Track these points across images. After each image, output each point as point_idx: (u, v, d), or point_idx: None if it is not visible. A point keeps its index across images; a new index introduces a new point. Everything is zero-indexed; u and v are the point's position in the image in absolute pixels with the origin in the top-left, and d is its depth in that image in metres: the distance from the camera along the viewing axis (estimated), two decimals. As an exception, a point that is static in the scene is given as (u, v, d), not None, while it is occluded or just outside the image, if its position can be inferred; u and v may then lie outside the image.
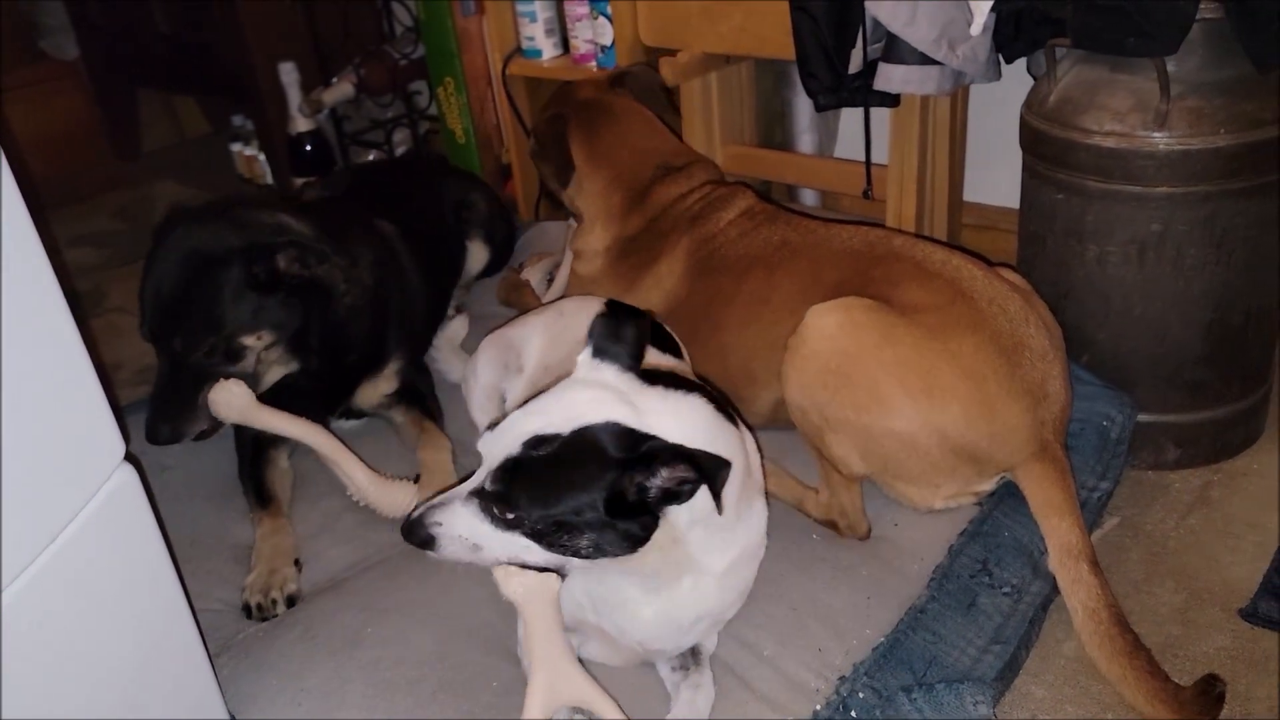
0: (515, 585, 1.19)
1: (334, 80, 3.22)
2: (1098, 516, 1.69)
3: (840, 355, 1.47)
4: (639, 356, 1.21)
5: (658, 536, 1.14)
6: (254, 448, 1.83)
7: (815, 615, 1.44)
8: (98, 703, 1.12)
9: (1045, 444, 1.49)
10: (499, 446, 1.13)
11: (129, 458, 1.12)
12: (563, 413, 1.12)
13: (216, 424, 1.71)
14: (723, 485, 1.08)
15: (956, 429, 1.45)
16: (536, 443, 1.10)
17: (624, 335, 1.20)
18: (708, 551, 1.21)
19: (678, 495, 1.10)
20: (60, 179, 3.76)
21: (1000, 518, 1.60)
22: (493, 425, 1.18)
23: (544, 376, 1.61)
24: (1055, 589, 1.47)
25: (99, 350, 1.89)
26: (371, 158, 3.38)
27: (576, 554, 1.13)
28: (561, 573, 1.19)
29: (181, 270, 1.65)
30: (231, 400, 1.66)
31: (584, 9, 2.51)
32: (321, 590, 1.62)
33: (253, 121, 3.51)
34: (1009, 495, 1.58)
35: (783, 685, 1.35)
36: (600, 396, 1.14)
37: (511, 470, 1.11)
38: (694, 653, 1.36)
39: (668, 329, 1.77)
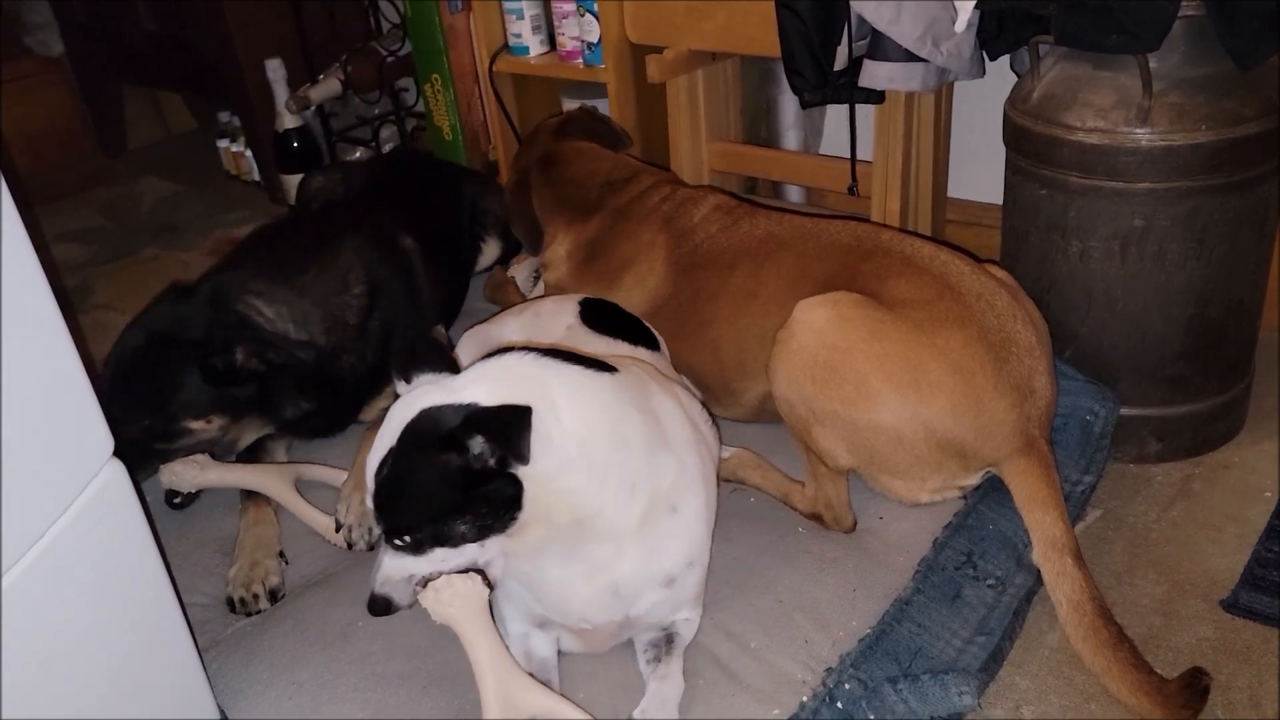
0: (444, 608, 1.21)
1: (321, 77, 3.21)
2: (1081, 509, 1.71)
3: (828, 349, 1.48)
4: (447, 361, 1.25)
5: (535, 493, 1.15)
6: None
7: (801, 607, 1.45)
8: (87, 698, 1.12)
9: (1031, 439, 1.51)
10: (368, 494, 1.18)
11: (117, 453, 1.13)
12: (391, 429, 1.17)
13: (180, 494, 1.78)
14: (515, 432, 1.10)
15: (943, 423, 1.47)
16: (380, 469, 1.16)
17: (425, 356, 1.24)
18: (601, 503, 1.20)
19: (514, 449, 1.12)
20: (46, 175, 3.75)
21: (985, 511, 1.61)
22: None
23: None
24: (1039, 581, 1.49)
25: (86, 346, 1.89)
26: (359, 155, 3.37)
27: (468, 539, 1.17)
28: (488, 576, 1.22)
29: (138, 348, 1.68)
30: (181, 476, 1.75)
31: (570, 6, 2.51)
32: (313, 584, 1.62)
33: (239, 118, 3.50)
34: (993, 489, 1.59)
35: (769, 677, 1.35)
36: (414, 398, 1.18)
37: (380, 502, 1.17)
38: (669, 641, 1.36)
39: (645, 324, 1.79)
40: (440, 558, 1.19)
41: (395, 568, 1.20)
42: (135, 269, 3.08)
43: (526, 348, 1.26)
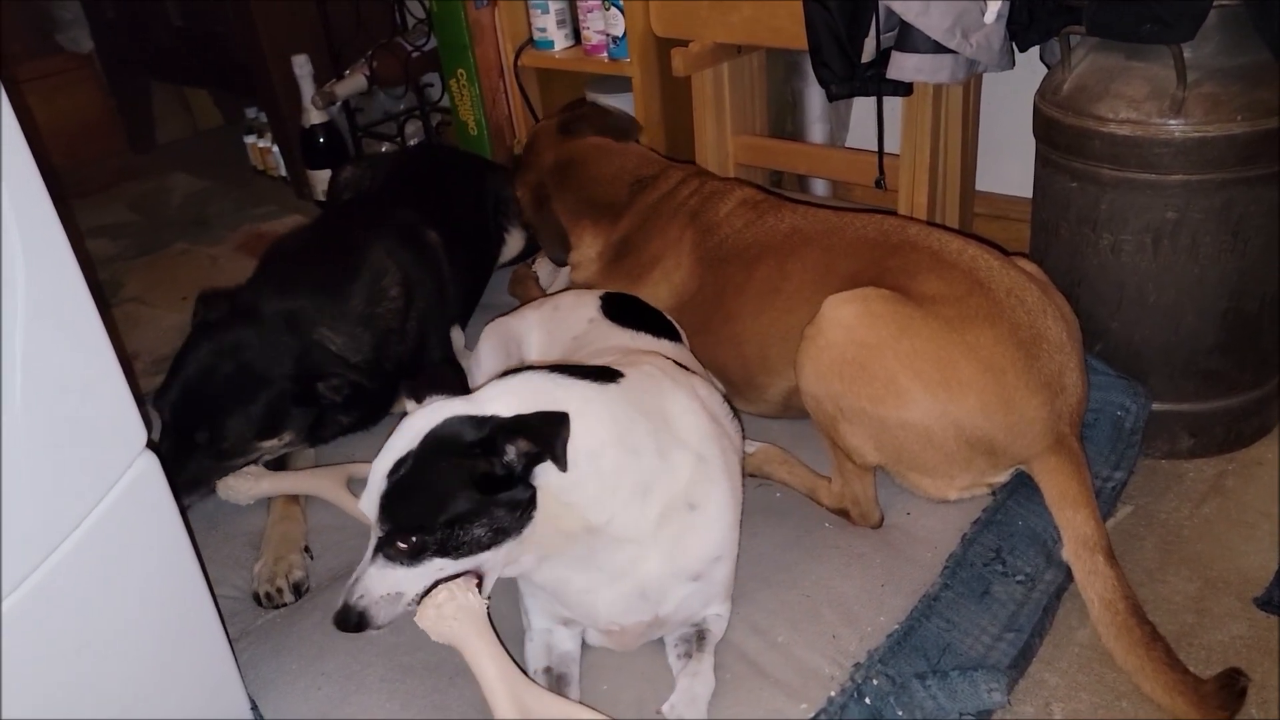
0: (447, 623, 1.19)
1: (347, 73, 3.23)
2: (1112, 506, 1.69)
3: (857, 346, 1.47)
4: (457, 387, 1.27)
5: (546, 503, 1.16)
6: None
7: (829, 602, 1.45)
8: (121, 686, 1.13)
9: (1061, 436, 1.49)
10: (371, 495, 1.17)
11: (150, 445, 1.14)
12: (407, 436, 1.17)
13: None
14: (557, 437, 1.11)
15: (973, 422, 1.45)
16: (396, 468, 1.15)
17: (437, 380, 1.27)
18: (612, 511, 1.21)
19: (539, 456, 1.14)
20: (76, 171, 3.80)
21: (1014, 506, 1.60)
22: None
23: None
24: (1069, 577, 1.48)
25: (119, 339, 1.91)
26: (385, 149, 3.39)
27: (482, 545, 1.16)
28: (481, 584, 1.21)
29: (228, 378, 1.70)
30: (237, 490, 1.78)
31: (595, 1, 2.51)
32: (340, 577, 1.63)
33: (266, 114, 3.53)
34: (1023, 484, 1.58)
35: (797, 671, 1.35)
36: (435, 409, 1.19)
37: (388, 502, 1.16)
38: (700, 637, 1.36)
39: (667, 316, 1.79)
40: (436, 568, 1.17)
41: (380, 581, 1.18)
42: (165, 263, 3.11)
43: (535, 366, 1.27)
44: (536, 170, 2.17)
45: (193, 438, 1.70)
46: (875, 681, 1.33)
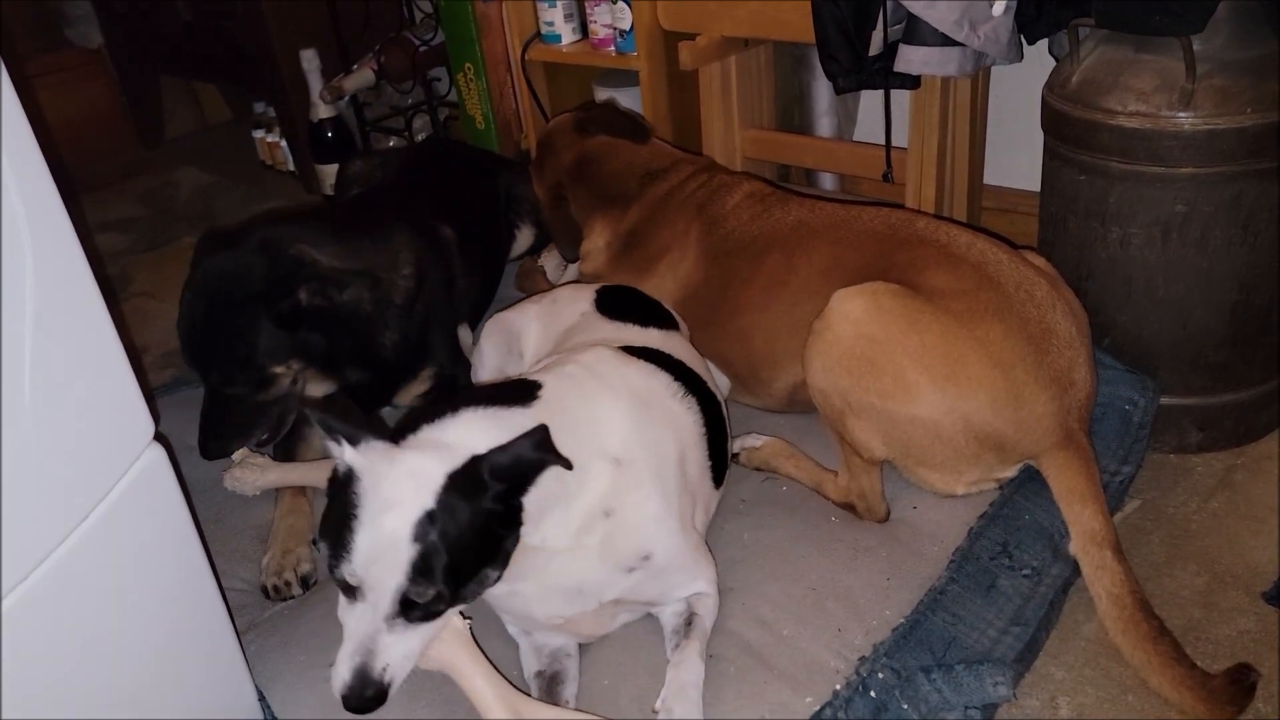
0: (439, 649, 1.18)
1: (355, 67, 3.24)
2: (1119, 500, 1.69)
3: (865, 341, 1.46)
4: (368, 423, 1.18)
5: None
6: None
7: (834, 596, 1.45)
8: (128, 677, 1.14)
9: (1070, 432, 1.48)
10: (388, 562, 1.08)
11: (158, 437, 1.15)
12: (406, 496, 1.09)
13: (269, 435, 1.78)
14: (541, 441, 1.11)
15: (982, 417, 1.45)
16: (423, 531, 1.08)
17: (341, 414, 1.17)
18: (544, 531, 1.21)
19: (522, 486, 1.14)
20: (85, 165, 3.81)
21: (1020, 501, 1.59)
22: (335, 551, 1.11)
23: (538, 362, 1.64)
24: (1075, 571, 1.47)
25: (128, 333, 1.92)
26: (392, 144, 3.39)
27: (492, 583, 1.17)
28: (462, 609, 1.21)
29: (208, 309, 1.69)
30: (243, 481, 1.80)
31: (603, -7, 2.51)
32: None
33: (274, 108, 3.54)
34: (1030, 478, 1.57)
35: (802, 664, 1.35)
36: (415, 467, 1.11)
37: (425, 567, 1.08)
38: (688, 624, 1.35)
39: (661, 305, 1.80)
40: (447, 618, 1.16)
41: (402, 645, 1.12)
42: (173, 257, 3.12)
43: (457, 399, 1.24)
44: (555, 170, 2.17)
45: (211, 381, 1.70)
46: (880, 675, 1.33)
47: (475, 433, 1.17)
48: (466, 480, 1.10)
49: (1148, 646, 1.34)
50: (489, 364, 1.82)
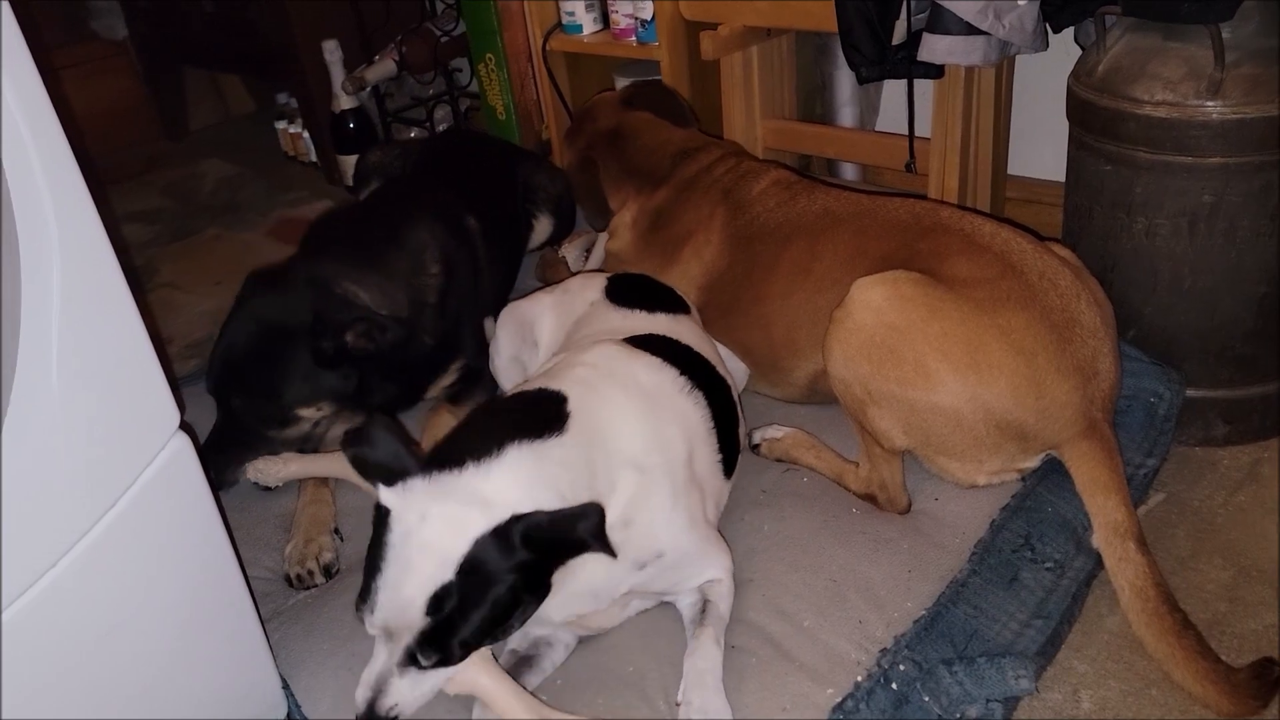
0: (464, 673, 1.18)
1: (376, 58, 3.25)
2: (1144, 493, 1.67)
3: (886, 329, 1.46)
4: (407, 448, 1.17)
5: None
6: None
7: (855, 587, 1.44)
8: (153, 665, 1.15)
9: (1093, 422, 1.47)
10: (396, 625, 1.09)
11: (183, 426, 1.16)
12: (431, 561, 1.08)
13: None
14: (595, 529, 1.09)
15: (1003, 406, 1.44)
16: (437, 605, 1.08)
17: (378, 443, 1.16)
18: None
19: (559, 560, 1.14)
20: (110, 157, 3.85)
21: (1043, 493, 1.58)
22: (361, 594, 1.12)
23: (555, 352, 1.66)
24: (1099, 564, 1.46)
25: (154, 324, 1.94)
26: (413, 135, 3.40)
27: (517, 628, 1.18)
28: None
29: (250, 337, 1.70)
30: (266, 472, 1.77)
31: (624, -17, 2.50)
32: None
33: (297, 99, 3.55)
34: (1052, 470, 1.56)
35: (823, 656, 1.35)
36: (445, 526, 1.09)
37: (433, 637, 1.09)
38: (704, 613, 1.35)
39: (673, 290, 1.81)
40: (467, 661, 1.16)
41: (415, 689, 1.13)
42: (198, 248, 3.15)
43: (509, 428, 1.21)
44: (588, 134, 2.19)
45: (230, 407, 1.71)
46: (902, 667, 1.32)
47: (520, 480, 1.14)
48: (497, 547, 1.09)
49: (1171, 640, 1.33)
50: (505, 352, 1.83)
